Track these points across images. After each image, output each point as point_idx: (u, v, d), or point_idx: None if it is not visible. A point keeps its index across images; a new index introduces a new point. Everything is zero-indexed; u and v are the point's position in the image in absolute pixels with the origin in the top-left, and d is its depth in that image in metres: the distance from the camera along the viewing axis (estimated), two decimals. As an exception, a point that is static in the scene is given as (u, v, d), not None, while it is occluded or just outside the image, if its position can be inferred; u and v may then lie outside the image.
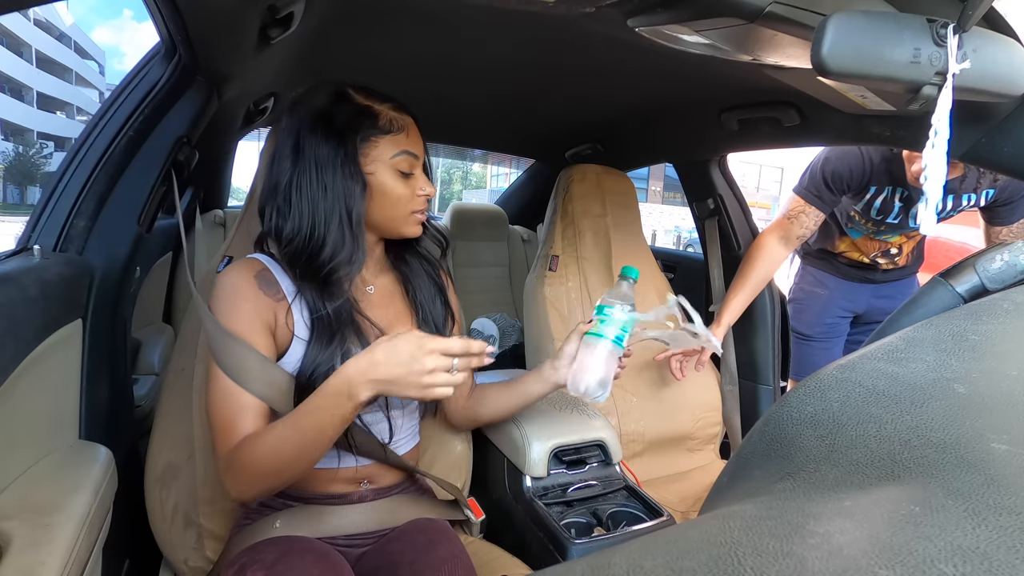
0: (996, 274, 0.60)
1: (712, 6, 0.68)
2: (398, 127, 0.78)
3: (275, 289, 0.77)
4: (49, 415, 0.72)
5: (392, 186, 0.78)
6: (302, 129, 0.75)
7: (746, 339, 1.57)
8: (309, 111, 0.76)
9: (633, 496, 1.02)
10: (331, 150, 0.74)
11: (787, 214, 1.39)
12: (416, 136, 0.81)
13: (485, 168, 23.06)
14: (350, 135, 0.75)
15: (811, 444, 0.27)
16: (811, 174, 1.38)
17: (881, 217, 1.44)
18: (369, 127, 0.76)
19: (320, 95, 0.77)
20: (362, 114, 0.76)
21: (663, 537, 0.21)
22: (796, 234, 1.38)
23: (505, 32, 0.98)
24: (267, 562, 0.67)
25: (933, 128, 0.64)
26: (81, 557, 0.60)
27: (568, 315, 1.45)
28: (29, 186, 28.01)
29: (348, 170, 0.74)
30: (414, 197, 0.80)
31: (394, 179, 0.78)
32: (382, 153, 0.77)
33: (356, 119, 0.76)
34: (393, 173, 0.78)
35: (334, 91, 0.78)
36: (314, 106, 0.76)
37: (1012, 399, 0.26)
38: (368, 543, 0.81)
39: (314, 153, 0.74)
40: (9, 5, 0.51)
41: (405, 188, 0.79)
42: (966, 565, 0.16)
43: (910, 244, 1.58)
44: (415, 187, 0.80)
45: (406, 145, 0.78)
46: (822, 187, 1.35)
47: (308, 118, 0.75)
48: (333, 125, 0.75)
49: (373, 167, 0.77)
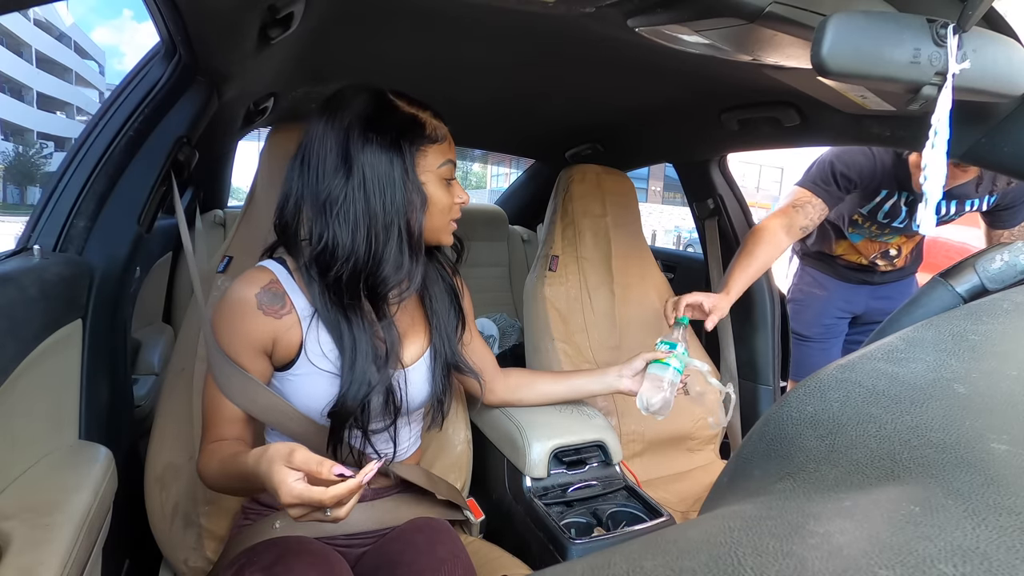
0: (996, 274, 0.60)
1: (712, 6, 0.68)
2: (441, 135, 0.77)
3: (280, 304, 0.74)
4: (49, 415, 0.72)
5: (440, 196, 0.77)
6: (351, 138, 0.70)
7: (746, 339, 1.57)
8: (357, 117, 0.71)
9: (633, 496, 1.02)
10: (388, 161, 0.70)
11: (792, 203, 1.37)
12: (453, 143, 0.80)
13: (485, 168, 23.06)
14: (405, 145, 0.72)
15: (811, 444, 0.27)
16: (819, 167, 1.37)
17: (888, 220, 1.45)
18: (419, 136, 0.74)
19: (361, 100, 0.73)
20: (413, 123, 0.74)
21: (663, 537, 0.21)
22: (799, 224, 1.35)
23: (505, 32, 0.98)
24: (266, 563, 0.67)
25: (933, 128, 0.64)
26: (81, 557, 0.60)
27: (568, 315, 1.45)
28: (29, 186, 28.01)
29: (409, 183, 0.72)
30: (453, 205, 0.80)
31: (441, 189, 0.77)
32: (431, 163, 0.75)
33: (408, 128, 0.73)
34: (440, 183, 0.77)
35: (377, 97, 0.74)
36: (360, 113, 0.71)
37: (1012, 399, 0.26)
38: (368, 543, 0.81)
39: (371, 164, 0.70)
40: (9, 5, 0.51)
41: (448, 196, 0.78)
42: (966, 565, 0.16)
43: (909, 245, 1.59)
44: (455, 195, 0.80)
45: (448, 154, 0.78)
46: (831, 180, 1.35)
47: (357, 126, 0.71)
48: (387, 134, 0.71)
49: (425, 177, 0.75)
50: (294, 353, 0.74)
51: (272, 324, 0.73)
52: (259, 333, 0.72)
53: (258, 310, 0.72)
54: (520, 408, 1.11)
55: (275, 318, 0.73)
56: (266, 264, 0.77)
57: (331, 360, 0.74)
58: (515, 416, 1.06)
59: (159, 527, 0.85)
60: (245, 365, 0.73)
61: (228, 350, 0.72)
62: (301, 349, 0.74)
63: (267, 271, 0.75)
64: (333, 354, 0.74)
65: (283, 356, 0.75)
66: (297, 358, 0.74)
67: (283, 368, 0.75)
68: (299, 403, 0.75)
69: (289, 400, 0.75)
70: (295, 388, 0.75)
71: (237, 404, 0.73)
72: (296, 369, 0.74)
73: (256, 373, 0.74)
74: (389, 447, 0.82)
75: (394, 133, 0.71)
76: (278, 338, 0.73)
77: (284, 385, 0.76)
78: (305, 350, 0.74)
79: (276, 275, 0.75)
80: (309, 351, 0.74)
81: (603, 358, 1.45)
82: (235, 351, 0.72)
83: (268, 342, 0.73)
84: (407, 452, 0.87)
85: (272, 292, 0.74)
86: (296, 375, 0.74)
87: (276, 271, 0.76)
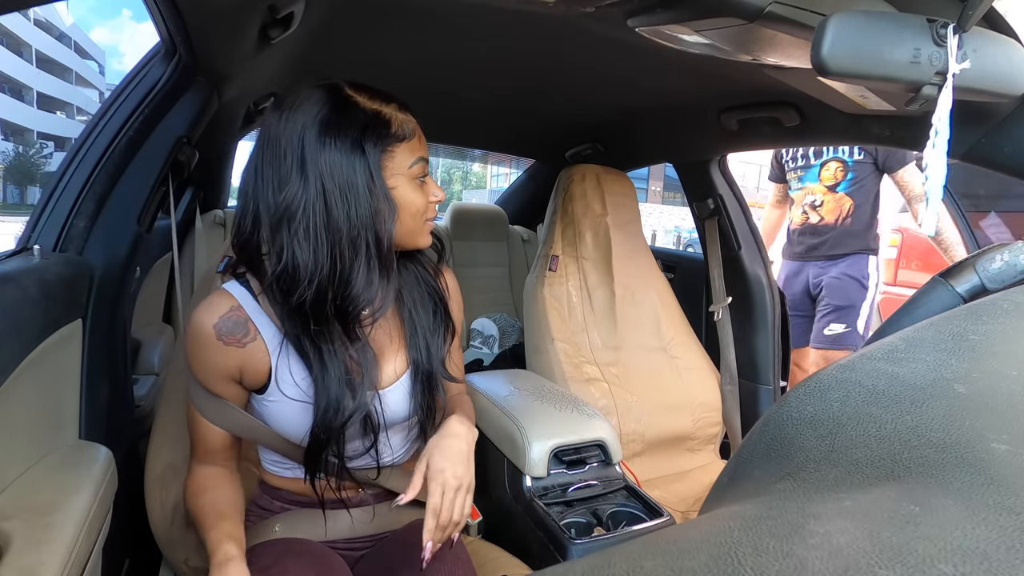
0: (996, 274, 0.60)
1: (712, 6, 0.68)
2: (410, 131, 0.68)
3: (242, 332, 0.68)
4: (49, 415, 0.72)
5: (411, 199, 0.68)
6: (306, 142, 0.62)
7: (746, 339, 1.57)
8: (312, 118, 0.63)
9: (633, 496, 1.02)
10: (350, 167, 0.62)
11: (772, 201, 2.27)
12: (423, 137, 0.71)
13: (485, 168, 23.05)
14: (369, 147, 0.64)
15: (811, 444, 0.27)
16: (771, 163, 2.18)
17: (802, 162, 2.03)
18: (384, 135, 0.65)
19: (316, 98, 0.64)
20: (376, 120, 0.65)
21: (663, 537, 0.21)
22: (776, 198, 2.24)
23: (505, 32, 0.98)
24: (265, 564, 0.67)
25: (933, 128, 0.64)
26: (81, 557, 0.60)
27: (568, 315, 1.45)
28: (29, 186, 28.01)
29: (375, 190, 0.64)
30: (428, 205, 0.72)
31: (413, 191, 0.69)
32: (400, 164, 0.67)
33: (371, 127, 0.64)
34: (412, 184, 0.68)
35: (334, 93, 0.65)
36: (316, 113, 0.63)
37: (1012, 399, 0.26)
38: (368, 546, 0.81)
39: (329, 171, 0.62)
40: (9, 5, 0.51)
41: (422, 197, 0.70)
42: (966, 565, 0.16)
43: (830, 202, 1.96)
44: (428, 194, 0.71)
45: (419, 151, 0.69)
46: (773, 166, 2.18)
47: (313, 127, 0.63)
48: (346, 136, 0.63)
49: (394, 181, 0.66)
50: (264, 379, 0.70)
51: (236, 353, 0.68)
52: (223, 363, 0.68)
53: (218, 341, 0.67)
54: (520, 407, 1.10)
55: (238, 347, 0.68)
56: (228, 287, 0.70)
57: (303, 389, 0.69)
58: (515, 415, 1.06)
59: (159, 527, 0.85)
60: (219, 392, 0.70)
61: (198, 377, 0.70)
62: (271, 376, 0.69)
63: (227, 296, 0.69)
64: (305, 382, 0.69)
65: (253, 382, 0.70)
66: (268, 385, 0.70)
67: (258, 392, 0.72)
68: (277, 428, 0.73)
69: (268, 424, 0.73)
70: (271, 414, 0.72)
71: (218, 426, 0.73)
72: (269, 396, 0.71)
73: (231, 398, 0.71)
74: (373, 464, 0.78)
75: (355, 134, 0.63)
76: (245, 367, 0.69)
77: (261, 409, 0.73)
78: (276, 379, 0.69)
79: (238, 300, 0.69)
80: (280, 380, 0.69)
81: (603, 358, 1.45)
82: (204, 379, 0.70)
83: (235, 371, 0.69)
84: (404, 457, 0.86)
85: (233, 320, 0.68)
86: (270, 402, 0.71)
87: (238, 295, 0.69)
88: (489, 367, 2.05)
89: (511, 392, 1.21)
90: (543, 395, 1.19)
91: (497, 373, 1.39)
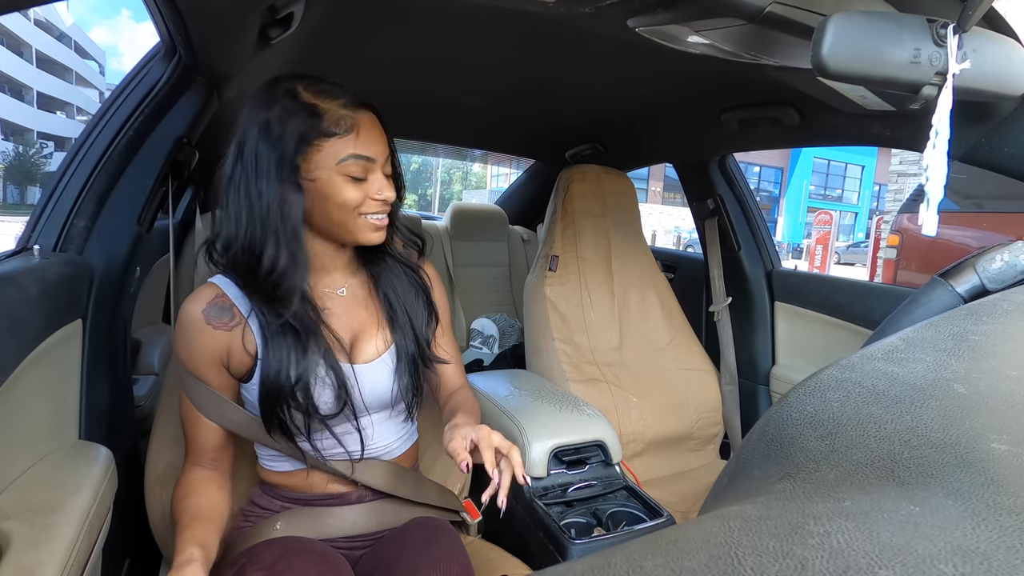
0: (996, 274, 0.60)
1: (712, 6, 0.68)
2: (346, 128, 0.70)
3: (228, 316, 0.73)
4: (49, 415, 0.72)
5: (336, 192, 0.71)
6: (247, 129, 0.70)
7: (746, 339, 1.57)
8: (253, 104, 0.71)
9: (633, 496, 1.02)
10: (268, 154, 0.69)
11: None
12: (371, 136, 0.72)
13: (485, 168, 23.04)
14: (288, 139, 0.69)
15: (811, 444, 0.27)
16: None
17: None
18: (311, 129, 0.69)
19: (268, 87, 0.72)
20: (306, 114, 0.69)
21: (663, 537, 0.21)
22: None
23: (505, 32, 0.98)
24: (266, 563, 0.67)
25: (933, 128, 0.64)
26: (81, 557, 0.60)
27: (568, 315, 1.45)
28: (29, 186, 28.00)
29: (283, 176, 0.69)
30: (366, 201, 0.73)
31: (341, 185, 0.71)
32: (326, 158, 0.70)
33: (298, 120, 0.69)
34: (341, 178, 0.71)
35: (283, 88, 0.71)
36: (260, 99, 0.71)
37: (1012, 399, 0.26)
38: (368, 544, 0.81)
39: (253, 155, 0.69)
40: (9, 5, 0.51)
41: (355, 192, 0.72)
42: (966, 565, 0.16)
43: None
44: (369, 191, 0.73)
45: (355, 148, 0.70)
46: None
47: (251, 113, 0.71)
48: (273, 124, 0.69)
49: (316, 173, 0.70)
50: (249, 365, 0.74)
51: (223, 336, 0.73)
52: (211, 346, 0.73)
53: (207, 325, 0.72)
54: (520, 407, 1.10)
55: (225, 330, 0.73)
56: (214, 280, 0.76)
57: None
58: (515, 415, 1.06)
59: (159, 527, 0.85)
60: (210, 381, 0.74)
61: (190, 367, 0.74)
62: (256, 361, 0.73)
63: (213, 286, 0.75)
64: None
65: (239, 367, 0.74)
66: (253, 372, 0.74)
67: (245, 380, 0.75)
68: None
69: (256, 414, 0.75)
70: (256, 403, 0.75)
71: (213, 420, 0.75)
72: (254, 382, 0.74)
73: (222, 388, 0.75)
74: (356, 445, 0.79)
75: (279, 124, 0.69)
76: (232, 349, 0.73)
77: (249, 398, 0.76)
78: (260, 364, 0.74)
79: (223, 289, 0.75)
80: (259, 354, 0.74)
81: (603, 358, 1.45)
82: (196, 368, 0.74)
83: (222, 353, 0.73)
84: (400, 448, 0.86)
85: (219, 306, 0.73)
86: (255, 388, 0.74)
87: (223, 285, 0.75)
88: (489, 367, 2.05)
89: (511, 392, 1.21)
90: (543, 395, 1.19)
91: (497, 373, 1.39)
